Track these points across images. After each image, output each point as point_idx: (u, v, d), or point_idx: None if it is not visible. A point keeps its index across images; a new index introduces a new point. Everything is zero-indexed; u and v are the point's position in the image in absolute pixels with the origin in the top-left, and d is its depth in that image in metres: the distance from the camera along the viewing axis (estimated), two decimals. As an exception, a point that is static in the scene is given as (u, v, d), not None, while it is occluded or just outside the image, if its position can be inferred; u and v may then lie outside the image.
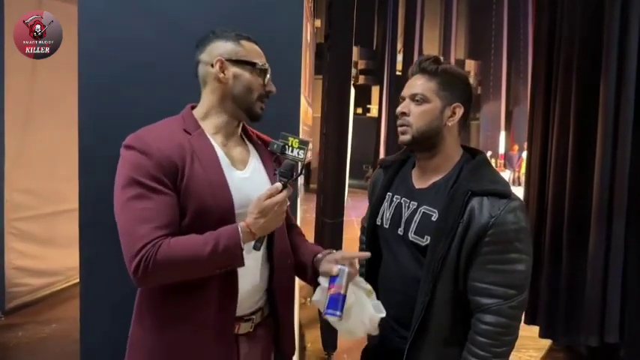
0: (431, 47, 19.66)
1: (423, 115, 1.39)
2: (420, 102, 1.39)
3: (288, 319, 1.52)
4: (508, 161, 18.00)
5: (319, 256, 1.46)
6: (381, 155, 13.53)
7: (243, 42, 1.39)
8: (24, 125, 4.34)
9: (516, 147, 17.45)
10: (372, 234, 1.55)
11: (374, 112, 18.74)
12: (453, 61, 19.63)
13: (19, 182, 4.28)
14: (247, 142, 1.50)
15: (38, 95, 4.40)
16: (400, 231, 1.42)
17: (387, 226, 1.48)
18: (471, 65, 20.75)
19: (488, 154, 17.31)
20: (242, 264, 1.28)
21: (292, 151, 1.30)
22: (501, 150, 19.04)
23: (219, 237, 1.24)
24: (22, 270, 4.38)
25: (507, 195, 1.32)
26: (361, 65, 18.50)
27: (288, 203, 1.32)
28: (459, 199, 1.32)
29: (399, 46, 17.43)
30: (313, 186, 10.75)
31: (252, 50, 1.40)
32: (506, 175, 16.22)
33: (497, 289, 1.29)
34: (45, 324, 4.07)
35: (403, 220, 1.43)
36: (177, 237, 1.23)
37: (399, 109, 1.42)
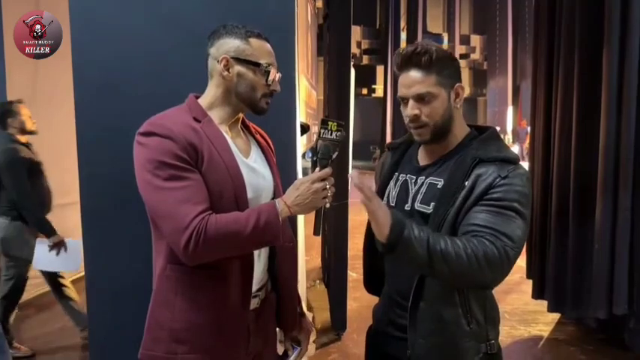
0: (435, 24, 19.44)
1: (436, 111, 1.37)
2: (428, 99, 1.36)
3: (289, 295, 1.58)
4: (516, 136, 17.85)
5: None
6: (388, 135, 13.49)
7: (252, 40, 1.40)
8: (28, 119, 4.36)
9: (525, 122, 17.29)
10: None
11: (379, 92, 18.62)
12: (457, 37, 19.42)
13: (27, 176, 4.30)
14: (246, 133, 1.54)
15: (41, 88, 4.41)
16: (407, 206, 1.43)
17: (393, 204, 1.49)
18: (476, 40, 20.53)
19: (497, 129, 17.17)
20: (280, 240, 1.33)
21: (331, 134, 1.36)
22: (509, 125, 18.87)
23: (260, 212, 1.29)
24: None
25: (516, 162, 1.33)
26: (365, 45, 18.37)
27: (329, 184, 1.32)
28: (465, 165, 1.33)
29: (403, 24, 17.24)
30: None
31: (259, 49, 1.41)
32: (515, 150, 16.11)
33: (492, 231, 1.25)
34: (59, 315, 4.13)
35: (410, 195, 1.44)
36: (220, 214, 1.27)
37: (410, 113, 1.38)
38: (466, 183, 1.31)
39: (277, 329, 1.62)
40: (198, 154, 1.30)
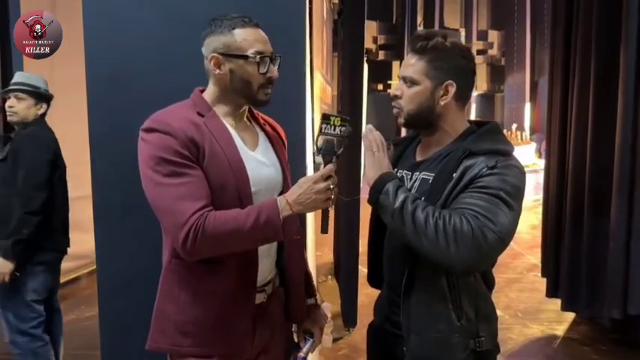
0: (452, 19, 19.27)
1: (412, 97, 1.38)
2: (409, 84, 1.38)
3: (297, 288, 1.58)
4: (533, 133, 17.64)
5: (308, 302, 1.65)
6: (403, 132, 13.47)
7: (237, 31, 1.36)
8: (44, 112, 4.42)
9: (538, 120, 17.07)
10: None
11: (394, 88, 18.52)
12: (475, 32, 19.24)
13: (43, 169, 4.36)
14: (254, 125, 1.53)
15: (57, 82, 4.46)
16: None
17: None
18: (494, 36, 20.32)
19: (514, 126, 16.97)
20: (281, 237, 1.32)
21: (334, 129, 1.33)
22: (527, 122, 18.65)
23: (260, 209, 1.28)
24: (49, 254, 4.49)
25: (508, 154, 1.31)
26: (381, 40, 18.27)
27: (332, 183, 1.29)
28: (454, 158, 1.32)
29: (419, 19, 17.13)
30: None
31: (246, 40, 1.36)
32: (532, 147, 15.92)
33: (468, 209, 1.23)
34: (74, 306, 4.19)
35: None
36: (220, 211, 1.28)
37: (392, 91, 1.43)
38: (454, 175, 1.30)
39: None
40: (200, 149, 1.31)
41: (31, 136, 2.64)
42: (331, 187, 1.29)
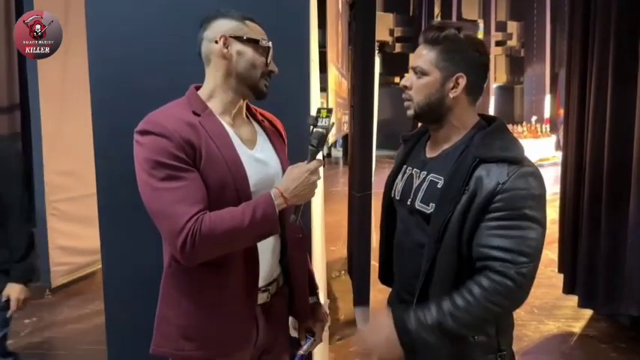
0: (470, 10, 19.00)
1: (422, 88, 1.35)
2: (419, 75, 1.35)
3: (301, 288, 1.57)
4: (554, 126, 17.33)
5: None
6: (419, 126, 13.38)
7: (248, 22, 1.40)
8: (59, 109, 4.48)
9: (562, 111, 16.77)
10: (388, 207, 1.55)
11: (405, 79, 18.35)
12: (493, 23, 18.93)
13: (57, 165, 4.44)
14: (253, 121, 1.51)
15: (71, 79, 4.50)
16: (409, 201, 1.41)
17: (398, 198, 1.47)
18: (513, 27, 19.99)
19: (533, 118, 16.70)
20: (278, 230, 1.32)
21: (323, 122, 1.34)
22: (547, 114, 18.33)
23: (256, 205, 1.27)
24: (65, 249, 4.58)
25: (518, 161, 1.27)
26: (397, 33, 18.08)
27: (320, 174, 1.32)
28: (465, 166, 1.28)
29: (437, 10, 16.93)
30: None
31: (255, 29, 1.41)
32: (552, 140, 15.65)
33: (505, 255, 1.22)
34: (88, 301, 4.24)
35: (412, 190, 1.41)
36: (215, 211, 1.26)
37: (401, 82, 1.40)
38: (467, 187, 1.26)
39: (291, 318, 1.62)
40: (196, 151, 1.28)
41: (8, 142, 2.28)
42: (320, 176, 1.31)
